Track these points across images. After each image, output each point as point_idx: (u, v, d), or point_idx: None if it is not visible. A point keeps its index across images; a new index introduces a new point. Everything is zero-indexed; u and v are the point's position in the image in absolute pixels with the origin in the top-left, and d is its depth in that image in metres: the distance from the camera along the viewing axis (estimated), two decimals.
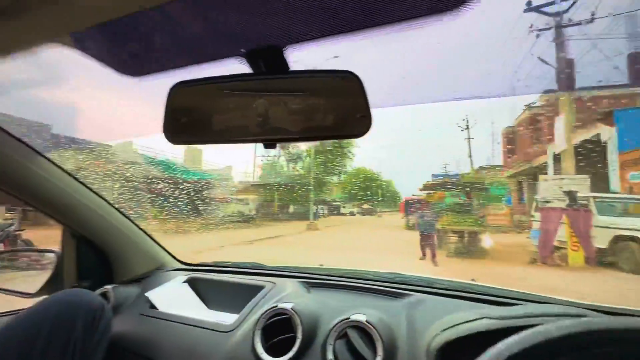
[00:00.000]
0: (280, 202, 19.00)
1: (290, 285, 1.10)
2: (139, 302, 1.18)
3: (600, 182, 10.16)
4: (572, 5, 8.16)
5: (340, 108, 0.52)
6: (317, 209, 19.44)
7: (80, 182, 1.11)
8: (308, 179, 17.04)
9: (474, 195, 9.69)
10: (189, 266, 1.45)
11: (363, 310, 0.82)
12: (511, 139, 16.39)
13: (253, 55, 0.54)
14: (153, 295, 1.16)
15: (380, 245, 9.39)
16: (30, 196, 0.99)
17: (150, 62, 0.59)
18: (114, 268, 1.28)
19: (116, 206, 1.24)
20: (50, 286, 1.21)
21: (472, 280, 1.32)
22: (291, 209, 19.25)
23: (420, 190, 10.97)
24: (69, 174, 1.06)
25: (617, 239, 6.33)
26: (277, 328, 0.85)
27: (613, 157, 10.12)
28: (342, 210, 25.79)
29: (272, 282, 1.14)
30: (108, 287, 1.18)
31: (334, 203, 25.24)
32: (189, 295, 1.24)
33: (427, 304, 0.92)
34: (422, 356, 0.74)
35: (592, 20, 8.28)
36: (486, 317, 0.70)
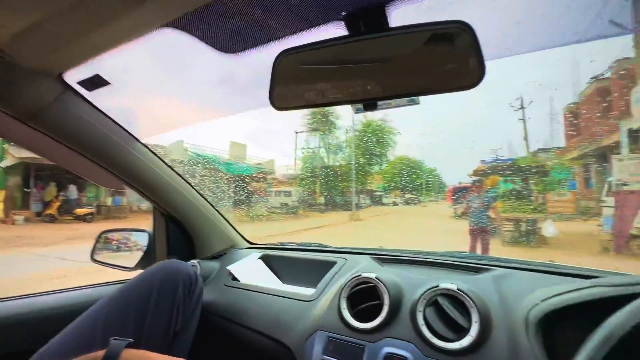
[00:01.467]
0: (322, 193, 19.22)
1: (363, 260, 1.11)
2: (222, 274, 1.27)
3: None
4: None
5: (448, 61, 0.51)
6: (359, 199, 19.34)
7: (169, 167, 1.22)
8: (349, 170, 16.95)
9: (531, 181, 8.94)
10: (258, 245, 1.54)
11: (451, 280, 0.81)
12: (575, 116, 14.75)
13: (353, 17, 0.54)
14: (234, 268, 1.25)
15: (428, 236, 9.10)
16: (130, 178, 1.11)
17: (251, 36, 0.63)
18: (196, 245, 1.40)
19: (198, 190, 1.35)
20: (144, 261, 1.36)
21: (551, 260, 1.23)
22: (333, 199, 19.37)
23: (470, 176, 10.36)
24: (161, 159, 1.17)
25: None
26: (360, 297, 0.87)
27: None
28: (384, 200, 25.37)
29: (344, 258, 1.16)
30: (194, 261, 1.29)
31: (376, 193, 24.89)
32: (264, 270, 1.31)
33: (513, 277, 0.87)
34: (520, 326, 0.71)
35: None
36: (597, 285, 0.65)
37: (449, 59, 0.51)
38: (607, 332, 0.36)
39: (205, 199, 1.38)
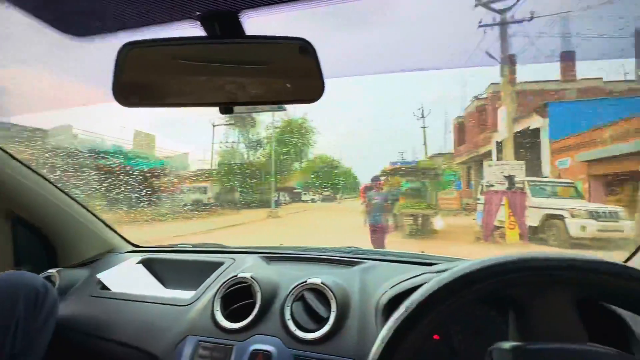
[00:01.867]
0: (241, 190, 18.60)
1: (250, 260, 1.12)
2: (89, 284, 1.13)
3: (535, 167, 11.34)
4: (515, 4, 8.81)
5: (294, 74, 0.54)
6: (278, 197, 19.33)
7: (14, 158, 1.01)
8: (269, 167, 16.80)
9: (427, 181, 10.30)
10: (144, 248, 1.41)
11: (319, 276, 0.88)
12: (461, 128, 17.54)
13: (208, 18, 0.54)
14: (104, 276, 1.12)
15: (339, 229, 9.66)
16: None
17: (97, 21, 0.57)
18: (58, 252, 1.20)
19: (60, 187, 1.16)
20: None
21: (422, 251, 1.45)
22: (252, 197, 18.95)
23: (379, 175, 11.39)
24: (3, 150, 0.97)
25: (547, 217, 7.18)
26: (238, 297, 0.88)
27: (545, 145, 11.33)
28: (304, 198, 25.97)
29: (232, 259, 1.15)
30: (52, 270, 1.11)
31: (296, 190, 25.27)
32: (144, 275, 1.21)
33: (378, 268, 1.00)
34: (372, 311, 0.81)
35: (531, 19, 9.04)
36: (427, 272, 0.79)
37: (294, 72, 0.54)
38: (403, 308, 0.43)
39: (73, 199, 1.20)
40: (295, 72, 0.54)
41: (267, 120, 20.31)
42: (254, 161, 19.84)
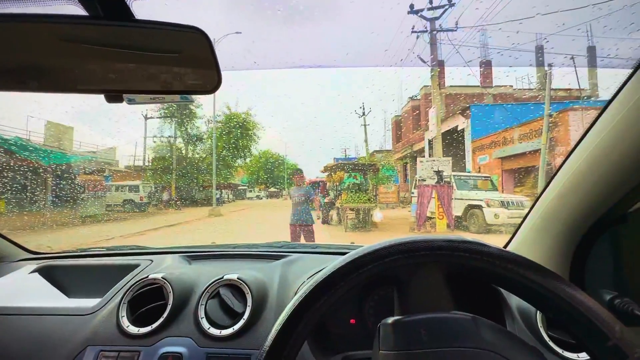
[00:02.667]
0: (180, 188, 17.38)
1: (170, 260, 1.06)
2: None
3: (460, 163, 12.65)
4: (442, 14, 9.65)
5: (188, 64, 0.52)
6: (221, 194, 18.52)
7: None
8: (210, 163, 15.93)
9: (368, 176, 10.81)
10: (42, 255, 1.24)
11: (238, 271, 0.86)
12: (398, 126, 18.75)
13: None
14: None
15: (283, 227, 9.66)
16: None
17: None
18: None
19: None
20: None
21: (352, 243, 1.51)
22: (192, 195, 17.84)
23: (322, 172, 11.63)
24: None
25: (468, 208, 8.07)
26: (151, 301, 0.82)
27: (468, 143, 12.69)
28: (249, 194, 25.30)
29: (150, 260, 1.07)
30: None
31: (240, 187, 24.49)
32: (40, 285, 1.06)
33: (301, 261, 1.01)
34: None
35: (456, 29, 9.99)
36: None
37: (188, 62, 0.52)
38: (297, 295, 0.45)
39: None
40: (188, 62, 0.52)
41: (207, 114, 19.24)
42: (194, 157, 18.68)
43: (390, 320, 0.42)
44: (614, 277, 0.65)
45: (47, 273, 1.10)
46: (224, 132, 18.22)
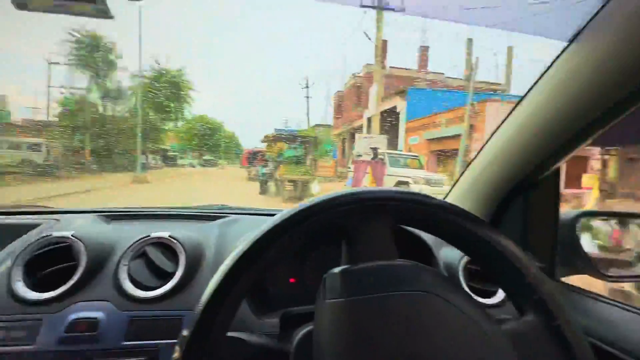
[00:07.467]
0: (96, 150, 15.12)
1: (81, 220, 0.91)
2: None
3: (394, 141, 13.49)
4: None
5: None
6: (147, 159, 16.76)
7: None
8: (135, 123, 14.10)
9: (307, 149, 10.85)
10: None
11: (169, 230, 0.78)
12: (340, 102, 18.99)
13: None
14: None
15: (219, 197, 9.27)
16: None
17: None
18: None
19: None
20: None
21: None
22: (112, 158, 15.75)
23: (262, 142, 11.30)
24: None
25: (398, 184, 8.75)
26: (57, 263, 0.69)
27: (402, 124, 13.55)
28: (180, 162, 23.45)
29: (55, 219, 0.91)
30: None
31: (171, 153, 22.50)
32: None
33: (240, 222, 0.96)
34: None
35: (403, 10, 10.22)
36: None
37: None
38: (237, 248, 0.41)
39: None
40: None
41: (131, 68, 16.81)
42: (114, 116, 16.31)
43: (337, 270, 0.42)
44: (521, 234, 0.75)
45: None
46: (152, 91, 16.22)
